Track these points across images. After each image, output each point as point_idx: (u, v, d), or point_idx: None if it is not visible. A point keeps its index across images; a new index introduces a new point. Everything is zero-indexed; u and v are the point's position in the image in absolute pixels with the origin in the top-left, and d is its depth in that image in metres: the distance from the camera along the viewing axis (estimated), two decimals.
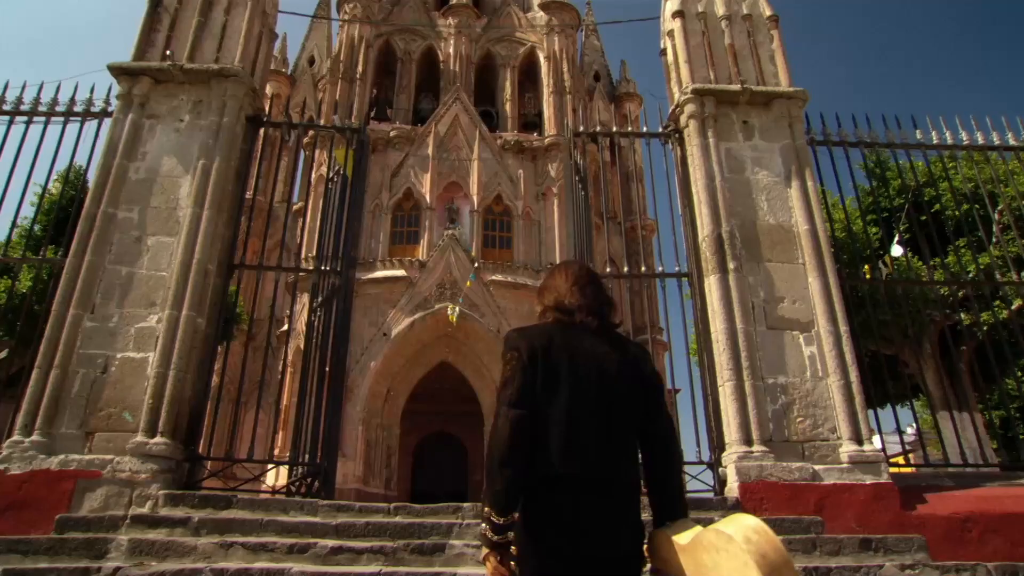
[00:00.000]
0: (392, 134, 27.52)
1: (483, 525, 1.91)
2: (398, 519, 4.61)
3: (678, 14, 7.01)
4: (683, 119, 6.61)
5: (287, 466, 5.77)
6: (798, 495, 4.94)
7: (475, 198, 26.68)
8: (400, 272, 24.41)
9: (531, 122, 30.18)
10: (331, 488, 5.48)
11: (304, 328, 6.54)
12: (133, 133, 6.04)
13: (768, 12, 7.11)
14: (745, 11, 7.12)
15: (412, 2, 31.26)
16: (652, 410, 2.10)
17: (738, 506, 4.92)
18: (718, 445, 5.55)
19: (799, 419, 5.33)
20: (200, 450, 5.57)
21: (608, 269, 6.51)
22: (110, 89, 6.38)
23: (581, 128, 6.87)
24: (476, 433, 24.29)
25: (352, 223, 6.46)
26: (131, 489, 4.74)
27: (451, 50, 29.67)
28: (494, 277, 24.62)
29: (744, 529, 1.73)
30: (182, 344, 5.31)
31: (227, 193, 6.08)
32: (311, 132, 22.39)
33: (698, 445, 5.64)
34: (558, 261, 25.17)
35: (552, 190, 27.27)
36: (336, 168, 7.03)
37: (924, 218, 9.39)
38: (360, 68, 28.38)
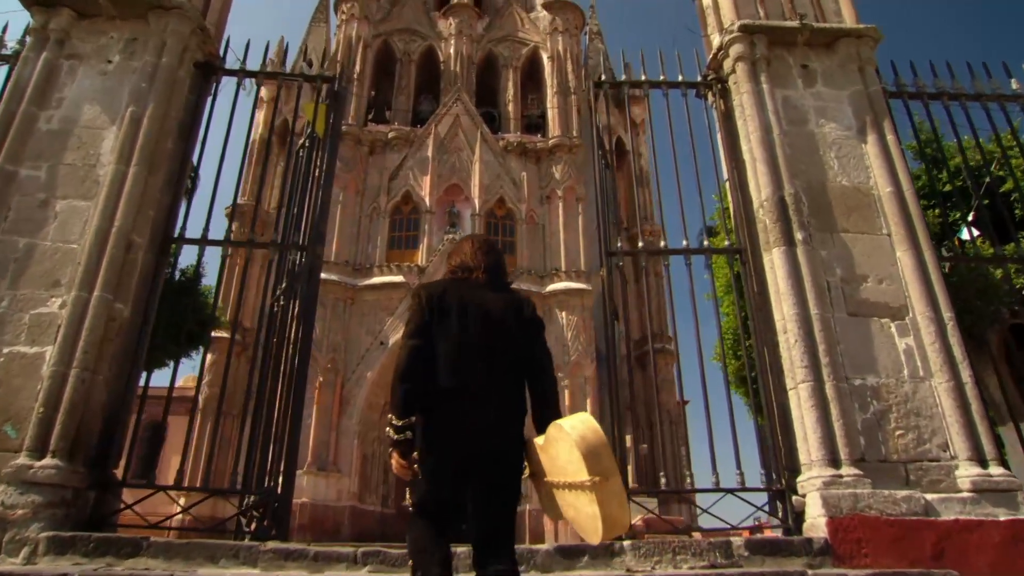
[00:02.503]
0: (390, 135, 26.42)
1: (388, 428, 2.51)
2: (365, 572, 3.35)
3: None
4: (728, 64, 5.40)
5: (235, 495, 4.51)
6: (909, 536, 3.66)
7: (476, 201, 25.52)
8: (398, 278, 23.20)
9: (534, 124, 29.06)
10: (284, 523, 4.21)
11: (265, 320, 5.28)
12: (46, 75, 4.84)
13: None
14: None
15: (412, 2, 30.28)
16: (529, 344, 2.68)
17: (827, 550, 3.64)
18: (788, 466, 4.28)
19: (898, 432, 4.06)
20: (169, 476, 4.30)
21: (640, 243, 5.25)
22: (28, 28, 5.20)
23: (603, 77, 5.65)
24: None
25: (322, 191, 5.24)
26: (2, 531, 3.49)
27: (451, 50, 28.62)
28: None
29: (572, 420, 2.33)
30: (91, 335, 4.07)
31: (164, 150, 4.86)
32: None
33: (762, 466, 4.37)
34: (563, 266, 24.13)
35: (557, 192, 26.12)
36: (308, 131, 5.82)
37: (987, 202, 8.13)
38: (358, 68, 27.34)
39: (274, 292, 5.27)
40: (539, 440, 2.44)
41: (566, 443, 2.25)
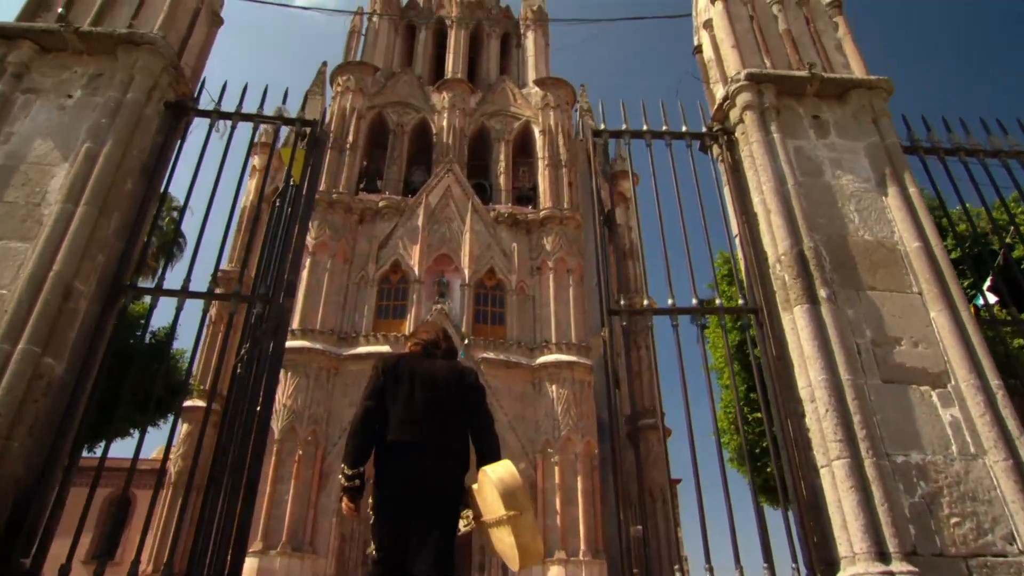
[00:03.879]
0: (381, 204, 26.40)
1: (340, 476, 3.09)
2: None
3: None
4: (735, 114, 5.09)
5: None
6: None
7: (466, 271, 25.25)
8: (384, 348, 22.56)
9: (525, 196, 29.26)
10: None
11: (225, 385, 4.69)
12: None
13: None
14: None
15: (406, 77, 31.02)
16: (471, 407, 3.27)
17: None
18: (820, 558, 3.66)
19: (954, 520, 3.48)
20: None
21: (646, 302, 4.74)
22: None
23: (602, 126, 5.33)
24: None
25: (296, 239, 4.77)
26: None
27: (444, 123, 29.06)
28: (485, 355, 22.81)
29: (494, 466, 2.82)
30: (8, 394, 3.47)
31: (122, 190, 4.40)
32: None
33: (763, 558, 3.72)
34: (554, 338, 23.58)
35: (548, 264, 25.93)
36: (292, 182, 5.41)
37: (998, 265, 7.81)
38: (351, 138, 27.62)
39: (238, 352, 4.72)
40: (475, 486, 2.90)
41: (489, 485, 2.71)
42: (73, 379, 3.92)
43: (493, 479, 2.68)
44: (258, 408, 4.28)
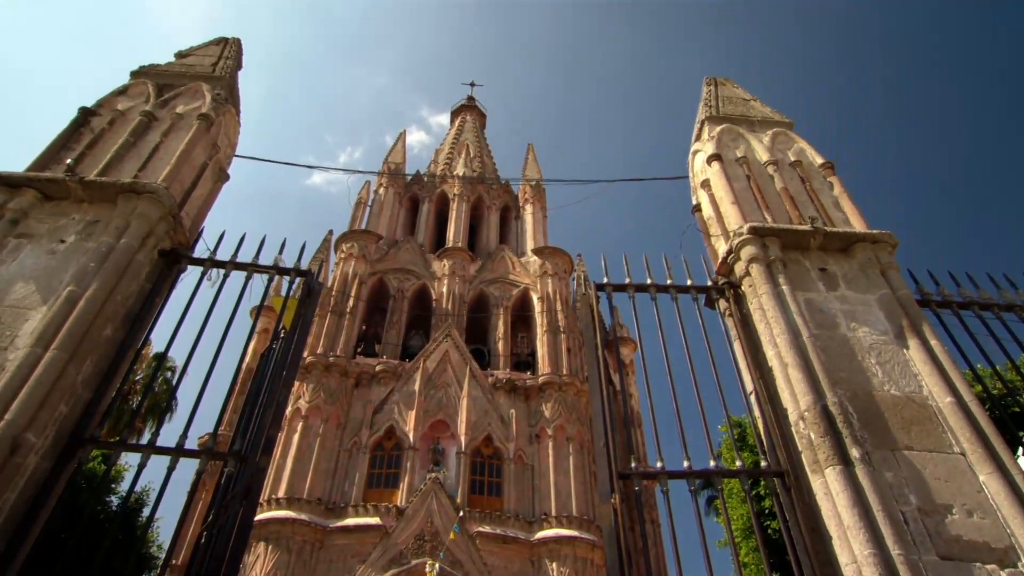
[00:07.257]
0: (378, 368, 26.08)
1: None
2: None
3: (715, 158, 5.82)
4: (740, 267, 5.00)
5: None
6: None
7: (463, 438, 24.32)
8: (374, 520, 21.06)
9: (524, 362, 29.04)
10: None
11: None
12: None
13: (819, 160, 5.95)
14: (792, 158, 5.96)
15: (408, 244, 32.21)
16: None
17: None
18: None
19: None
20: None
21: (659, 464, 4.26)
22: None
23: (605, 280, 5.21)
24: None
25: (282, 389, 4.43)
26: None
27: (444, 289, 29.65)
28: (481, 528, 21.23)
29: None
30: None
31: (99, 336, 4.15)
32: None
33: None
34: (554, 511, 22.15)
35: (547, 431, 25.06)
36: (281, 333, 5.20)
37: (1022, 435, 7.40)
38: (351, 303, 28.00)
39: (205, 519, 4.19)
40: None
41: None
42: (1, 549, 3.38)
43: None
44: None
